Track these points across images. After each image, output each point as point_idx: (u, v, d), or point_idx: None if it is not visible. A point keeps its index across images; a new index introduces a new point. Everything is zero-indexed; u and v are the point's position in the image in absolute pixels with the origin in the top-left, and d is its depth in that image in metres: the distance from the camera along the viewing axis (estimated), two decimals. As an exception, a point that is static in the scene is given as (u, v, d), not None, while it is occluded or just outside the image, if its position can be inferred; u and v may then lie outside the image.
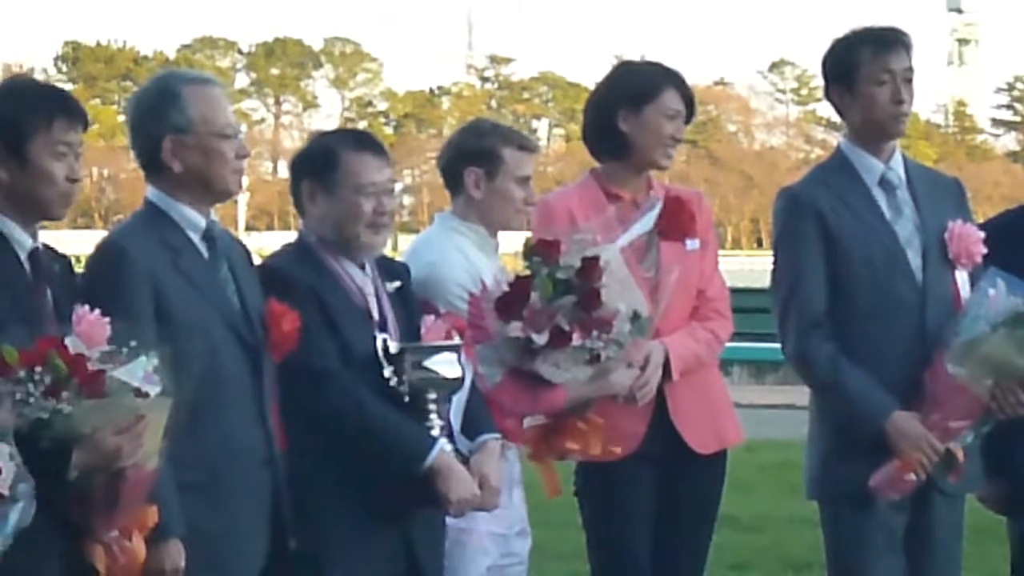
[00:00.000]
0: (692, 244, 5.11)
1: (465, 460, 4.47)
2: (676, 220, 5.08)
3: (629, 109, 5.09)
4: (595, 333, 4.60)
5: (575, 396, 4.75)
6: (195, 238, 4.17)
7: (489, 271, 4.90)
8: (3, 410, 3.55)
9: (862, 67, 4.93)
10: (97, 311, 3.76)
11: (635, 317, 4.68)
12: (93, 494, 3.71)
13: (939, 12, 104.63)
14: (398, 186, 4.70)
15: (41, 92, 4.00)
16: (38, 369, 3.60)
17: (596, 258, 4.65)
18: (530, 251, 4.71)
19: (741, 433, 5.34)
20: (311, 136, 4.95)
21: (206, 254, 4.19)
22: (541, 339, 4.59)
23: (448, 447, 4.41)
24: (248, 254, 4.42)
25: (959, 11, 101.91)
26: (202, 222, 4.18)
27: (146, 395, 3.70)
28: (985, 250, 4.95)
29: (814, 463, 5.06)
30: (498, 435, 4.62)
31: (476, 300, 4.73)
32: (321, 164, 4.51)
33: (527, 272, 4.67)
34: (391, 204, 4.55)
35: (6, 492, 3.48)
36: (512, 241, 5.26)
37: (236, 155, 4.20)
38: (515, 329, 4.60)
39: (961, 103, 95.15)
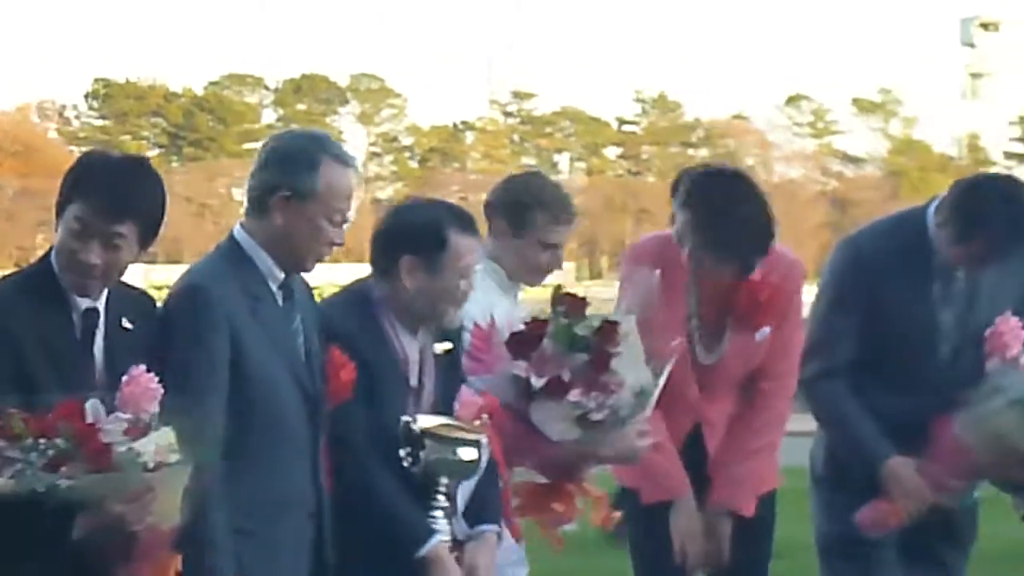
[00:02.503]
0: (762, 335, 4.91)
1: (460, 543, 4.41)
2: (746, 315, 4.86)
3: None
4: (593, 394, 4.47)
5: (573, 452, 4.59)
6: (273, 287, 4.10)
7: (503, 311, 4.85)
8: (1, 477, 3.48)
9: (963, 244, 4.82)
10: (151, 374, 3.66)
11: (640, 392, 4.55)
12: (104, 551, 3.64)
13: (953, 47, 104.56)
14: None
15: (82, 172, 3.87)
16: (42, 441, 3.51)
17: (616, 323, 4.53)
18: (557, 300, 4.61)
19: (777, 478, 5.15)
20: (407, 206, 4.72)
21: (281, 303, 4.13)
22: (539, 382, 4.49)
23: (446, 536, 4.34)
24: (312, 298, 4.37)
25: (972, 46, 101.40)
26: (281, 275, 4.12)
27: (158, 467, 3.59)
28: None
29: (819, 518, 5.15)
30: (498, 527, 4.53)
31: (481, 333, 4.67)
32: (429, 243, 4.38)
33: (547, 317, 4.58)
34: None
35: None
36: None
37: (331, 241, 4.12)
38: (519, 367, 4.53)
39: (974, 136, 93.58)
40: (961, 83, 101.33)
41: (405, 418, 4.29)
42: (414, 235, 4.41)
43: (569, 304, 4.59)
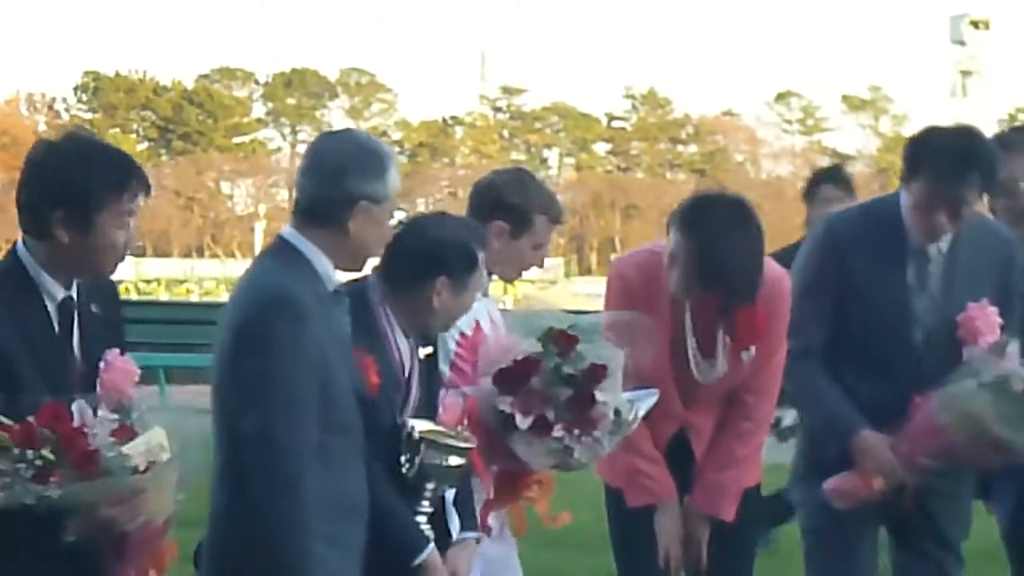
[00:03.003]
0: (748, 355, 4.89)
1: (448, 538, 4.49)
2: (741, 339, 4.83)
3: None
4: (576, 432, 4.47)
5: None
6: (329, 290, 4.04)
7: (485, 312, 4.91)
8: None
9: (918, 187, 4.84)
10: (124, 356, 3.74)
11: (616, 413, 4.53)
12: (98, 550, 3.64)
13: (942, 44, 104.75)
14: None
15: (111, 159, 3.86)
16: (29, 452, 3.48)
17: (603, 367, 4.51)
18: (548, 337, 4.56)
19: (758, 475, 5.17)
20: (433, 224, 4.60)
21: (335, 307, 4.09)
22: (524, 423, 4.47)
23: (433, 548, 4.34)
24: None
25: (962, 43, 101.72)
26: (337, 278, 4.07)
27: (148, 468, 3.60)
28: (999, 332, 4.84)
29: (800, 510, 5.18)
30: (477, 533, 4.59)
31: (467, 343, 4.73)
32: (463, 265, 4.45)
33: (537, 352, 4.55)
34: None
35: None
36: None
37: (387, 240, 4.17)
38: (505, 403, 4.49)
39: None
40: (951, 81, 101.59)
41: (409, 423, 4.33)
42: (449, 257, 4.44)
43: (558, 342, 4.56)
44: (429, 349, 4.54)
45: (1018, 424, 4.69)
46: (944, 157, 4.79)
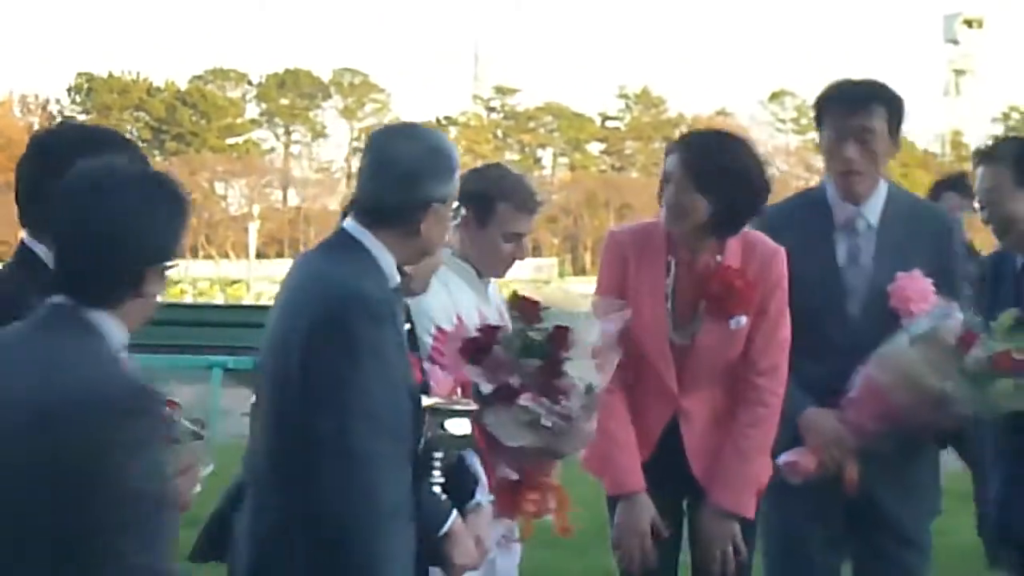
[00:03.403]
0: (736, 323, 4.81)
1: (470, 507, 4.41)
2: (719, 301, 4.79)
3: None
4: (544, 400, 4.46)
5: (532, 452, 4.58)
6: (392, 288, 3.99)
7: (473, 308, 4.84)
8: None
9: (827, 131, 5.03)
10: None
11: (588, 390, 4.51)
12: None
13: (936, 43, 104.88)
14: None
15: (118, 141, 3.97)
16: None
17: (566, 329, 4.48)
18: (512, 304, 4.60)
19: (768, 475, 4.97)
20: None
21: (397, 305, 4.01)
22: (487, 388, 4.47)
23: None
24: None
25: (955, 42, 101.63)
26: (397, 276, 4.00)
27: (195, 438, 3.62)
28: (934, 300, 4.86)
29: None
30: (488, 498, 4.50)
31: (443, 337, 4.64)
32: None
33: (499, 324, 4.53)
34: None
35: None
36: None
37: None
38: (474, 373, 4.50)
39: (957, 133, 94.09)
40: (944, 80, 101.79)
41: (426, 397, 4.22)
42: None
43: (523, 309, 4.56)
44: (408, 325, 4.41)
45: (952, 375, 4.71)
46: (846, 91, 5.01)
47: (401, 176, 3.92)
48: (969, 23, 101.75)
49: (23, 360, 3.14)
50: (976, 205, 5.07)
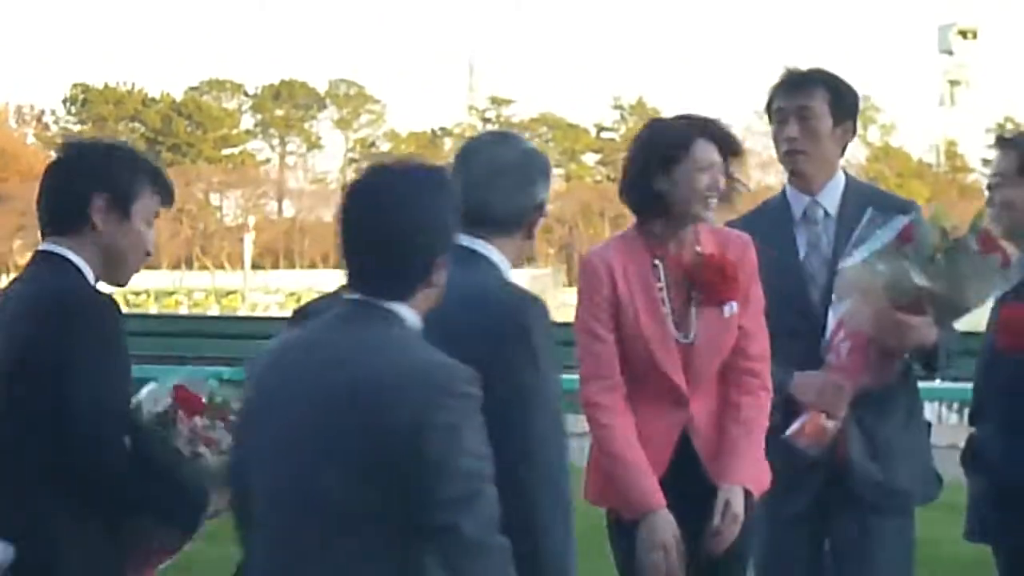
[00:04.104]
0: (730, 309, 4.79)
1: None
2: (713, 288, 4.78)
3: (661, 168, 4.72)
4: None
5: None
6: None
7: None
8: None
9: (772, 112, 5.22)
10: None
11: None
12: (138, 551, 3.75)
13: (931, 54, 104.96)
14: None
15: (143, 160, 3.97)
16: (198, 419, 3.82)
17: None
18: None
19: (767, 479, 4.88)
20: None
21: None
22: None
23: None
24: None
25: (950, 53, 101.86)
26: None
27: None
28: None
29: None
30: None
31: None
32: None
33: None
34: None
35: None
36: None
37: None
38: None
39: (952, 143, 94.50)
40: (939, 90, 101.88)
41: None
42: None
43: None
44: None
45: (909, 269, 4.79)
46: (787, 78, 5.19)
47: (516, 184, 4.01)
48: (964, 34, 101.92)
49: (339, 347, 3.27)
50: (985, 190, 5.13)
